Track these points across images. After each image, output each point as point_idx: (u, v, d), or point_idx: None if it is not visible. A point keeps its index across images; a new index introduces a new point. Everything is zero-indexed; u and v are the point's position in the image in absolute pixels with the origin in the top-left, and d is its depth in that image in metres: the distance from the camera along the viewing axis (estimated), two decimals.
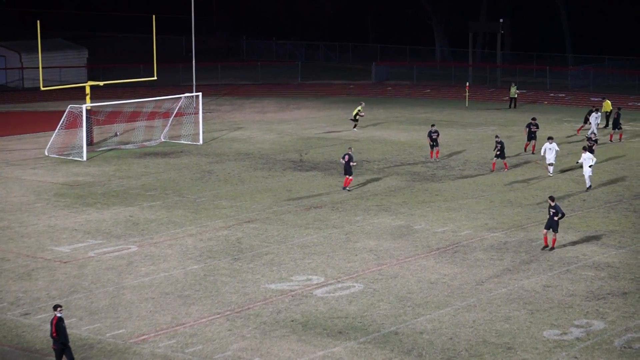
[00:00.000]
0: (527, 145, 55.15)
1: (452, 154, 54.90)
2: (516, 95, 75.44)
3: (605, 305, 29.89)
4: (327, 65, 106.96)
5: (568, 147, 56.16)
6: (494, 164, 50.10)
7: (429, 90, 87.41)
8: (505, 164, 50.09)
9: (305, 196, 44.70)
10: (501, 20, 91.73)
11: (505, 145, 50.43)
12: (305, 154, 55.43)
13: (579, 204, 43.11)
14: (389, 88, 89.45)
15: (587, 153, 45.44)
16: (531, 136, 54.87)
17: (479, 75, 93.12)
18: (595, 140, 51.65)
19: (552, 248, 35.53)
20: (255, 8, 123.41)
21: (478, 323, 28.42)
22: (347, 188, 45.35)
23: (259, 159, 54.06)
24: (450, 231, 38.55)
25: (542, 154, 49.05)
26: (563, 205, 42.40)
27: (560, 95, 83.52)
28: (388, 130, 64.43)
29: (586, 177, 45.42)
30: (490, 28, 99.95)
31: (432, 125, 53.86)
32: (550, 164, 48.44)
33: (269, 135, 62.14)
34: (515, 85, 76.52)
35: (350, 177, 45.46)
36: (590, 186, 45.37)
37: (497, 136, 50.94)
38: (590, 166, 45.07)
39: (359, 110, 63.58)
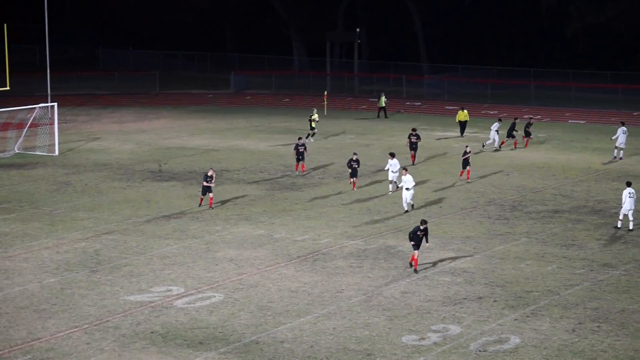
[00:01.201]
0: (412, 156, 54.92)
1: (311, 162, 55.18)
2: (384, 104, 76.24)
3: (462, 309, 30.51)
4: (185, 75, 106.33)
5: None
6: (353, 183, 47.86)
7: (287, 99, 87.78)
8: (354, 183, 47.62)
9: (164, 206, 44.34)
10: (358, 29, 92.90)
11: (364, 153, 50.84)
12: (164, 164, 55.02)
13: (436, 210, 43.90)
14: (248, 97, 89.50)
15: (408, 175, 42.82)
16: (412, 147, 54.78)
17: (337, 84, 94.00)
18: (468, 153, 50.17)
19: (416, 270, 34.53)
20: (112, 17, 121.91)
21: (338, 330, 28.65)
22: (212, 207, 43.82)
23: (117, 169, 53.40)
24: (310, 239, 38.78)
25: (385, 168, 47.79)
26: (420, 212, 43.11)
27: (416, 103, 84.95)
28: (247, 139, 64.45)
29: (404, 199, 43.12)
30: (347, 37, 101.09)
31: (299, 139, 52.85)
32: (392, 182, 46.80)
33: (127, 146, 61.44)
34: (384, 94, 77.30)
35: (210, 196, 43.76)
36: (407, 210, 43.13)
37: (354, 153, 48.37)
38: (407, 189, 42.74)
39: (313, 119, 62.78)
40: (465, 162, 50.00)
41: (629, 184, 41.11)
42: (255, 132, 67.97)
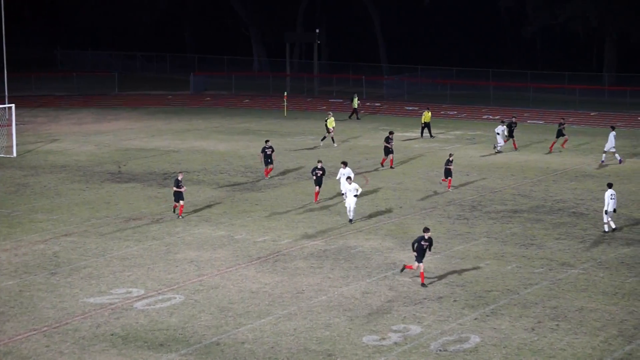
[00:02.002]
0: (384, 160, 54.39)
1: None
2: (357, 106, 76.13)
3: (422, 309, 30.61)
4: (144, 76, 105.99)
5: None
6: (316, 194, 45.67)
7: (247, 100, 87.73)
8: (316, 194, 45.48)
9: (124, 208, 44.14)
10: (317, 30, 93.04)
11: (324, 154, 50.67)
12: (124, 165, 54.78)
13: (396, 211, 44.03)
14: (208, 98, 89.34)
15: (354, 184, 41.07)
16: (388, 150, 54.20)
17: (297, 85, 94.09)
18: (451, 162, 48.07)
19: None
20: (70, 18, 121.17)
21: (299, 331, 28.66)
22: (181, 216, 42.18)
23: (76, 171, 53.09)
24: (271, 240, 38.76)
25: (337, 178, 45.34)
26: (382, 214, 43.27)
27: (376, 104, 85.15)
28: (207, 140, 64.32)
29: (349, 208, 41.29)
30: (306, 38, 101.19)
31: (267, 141, 51.53)
32: (343, 193, 43.18)
33: (86, 147, 61.10)
34: (357, 96, 77.24)
35: (181, 203, 42.23)
36: (351, 220, 41.49)
37: (319, 161, 45.98)
38: (355, 196, 41.11)
39: (329, 122, 61.80)
40: (448, 171, 48.01)
41: (610, 186, 40.55)
42: (215, 133, 67.88)
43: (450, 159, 48.15)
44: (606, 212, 40.11)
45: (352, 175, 43.31)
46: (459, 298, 31.73)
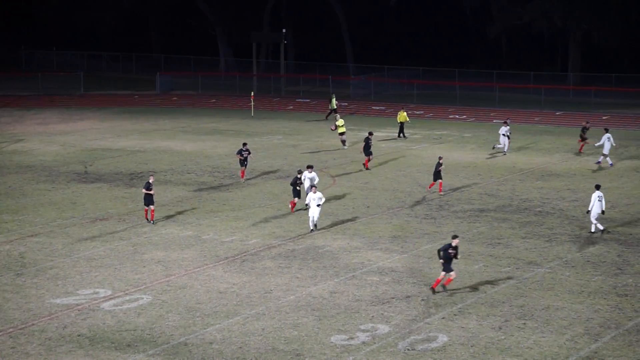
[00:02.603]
0: (367, 161, 53.84)
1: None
2: (335, 106, 75.60)
3: (390, 309, 30.68)
4: (110, 76, 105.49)
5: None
6: (292, 204, 43.63)
7: (214, 100, 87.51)
8: (293, 205, 43.49)
9: (90, 208, 43.92)
10: (284, 30, 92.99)
11: (292, 154, 50.55)
12: (90, 165, 54.51)
13: (363, 210, 44.09)
14: (174, 98, 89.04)
15: (318, 193, 39.78)
16: (368, 152, 53.86)
17: (264, 85, 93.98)
18: (441, 164, 47.09)
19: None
20: (34, 18, 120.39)
21: (267, 331, 28.65)
22: (153, 221, 41.30)
23: (41, 171, 52.77)
24: (239, 240, 38.71)
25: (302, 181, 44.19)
26: (348, 212, 43.33)
27: (343, 104, 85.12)
28: (174, 140, 64.11)
29: (311, 218, 39.85)
30: (273, 38, 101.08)
31: (244, 144, 50.84)
32: (307, 204, 41.02)
33: (51, 147, 60.73)
34: (334, 96, 76.71)
35: (151, 207, 41.22)
36: (313, 229, 39.97)
37: (299, 172, 43.72)
38: (318, 205, 39.63)
39: (338, 125, 60.87)
40: (437, 175, 47.13)
41: (597, 187, 40.29)
42: (182, 133, 67.67)
43: (440, 162, 47.46)
44: (588, 212, 40.23)
45: (316, 181, 42.88)
46: (427, 297, 31.82)
